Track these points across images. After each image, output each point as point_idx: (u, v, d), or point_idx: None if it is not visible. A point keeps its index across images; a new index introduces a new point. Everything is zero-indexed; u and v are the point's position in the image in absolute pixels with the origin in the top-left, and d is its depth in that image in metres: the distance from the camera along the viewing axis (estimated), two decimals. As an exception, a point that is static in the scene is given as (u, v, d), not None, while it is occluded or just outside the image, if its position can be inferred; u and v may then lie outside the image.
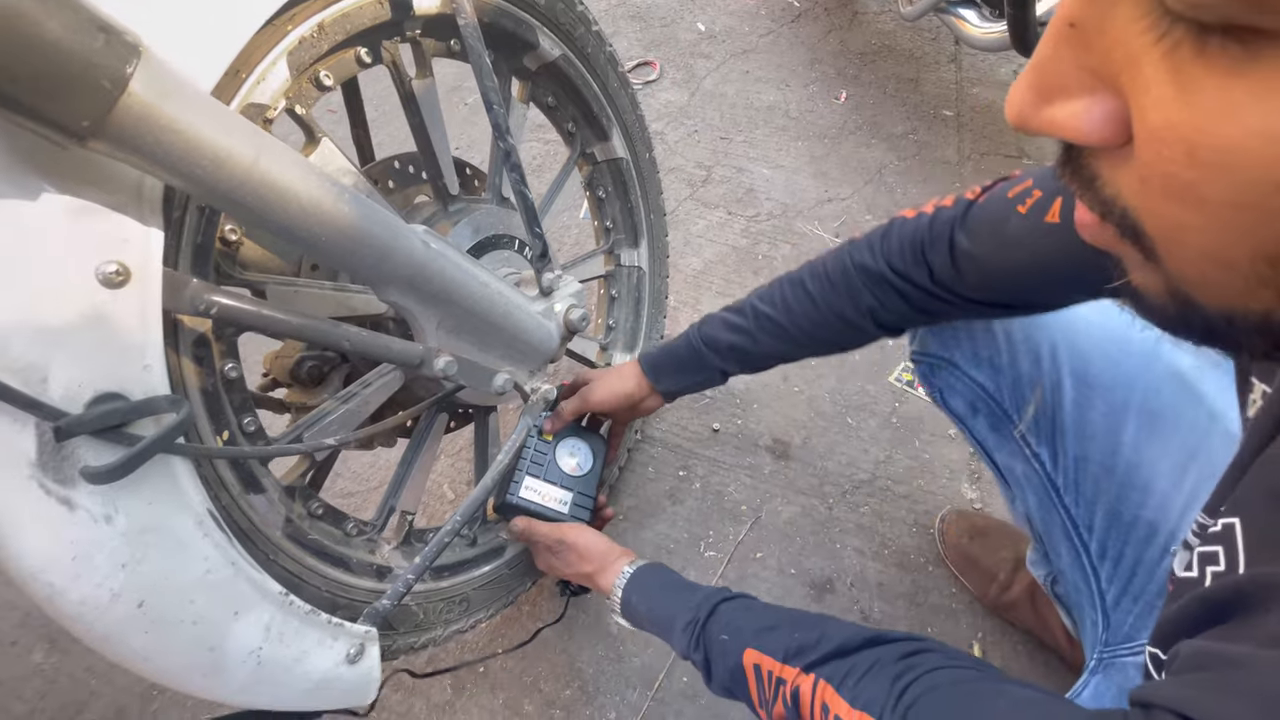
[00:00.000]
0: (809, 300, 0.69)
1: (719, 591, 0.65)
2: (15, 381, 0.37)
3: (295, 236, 0.45)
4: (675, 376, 0.81)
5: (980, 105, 1.69)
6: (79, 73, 0.32)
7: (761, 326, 0.73)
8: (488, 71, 0.60)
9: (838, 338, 0.70)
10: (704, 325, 0.78)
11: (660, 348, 0.82)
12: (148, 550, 0.44)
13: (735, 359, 0.76)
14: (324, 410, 0.63)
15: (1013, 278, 0.55)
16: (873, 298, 0.64)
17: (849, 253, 0.67)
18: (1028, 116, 0.22)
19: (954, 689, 0.43)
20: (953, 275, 0.58)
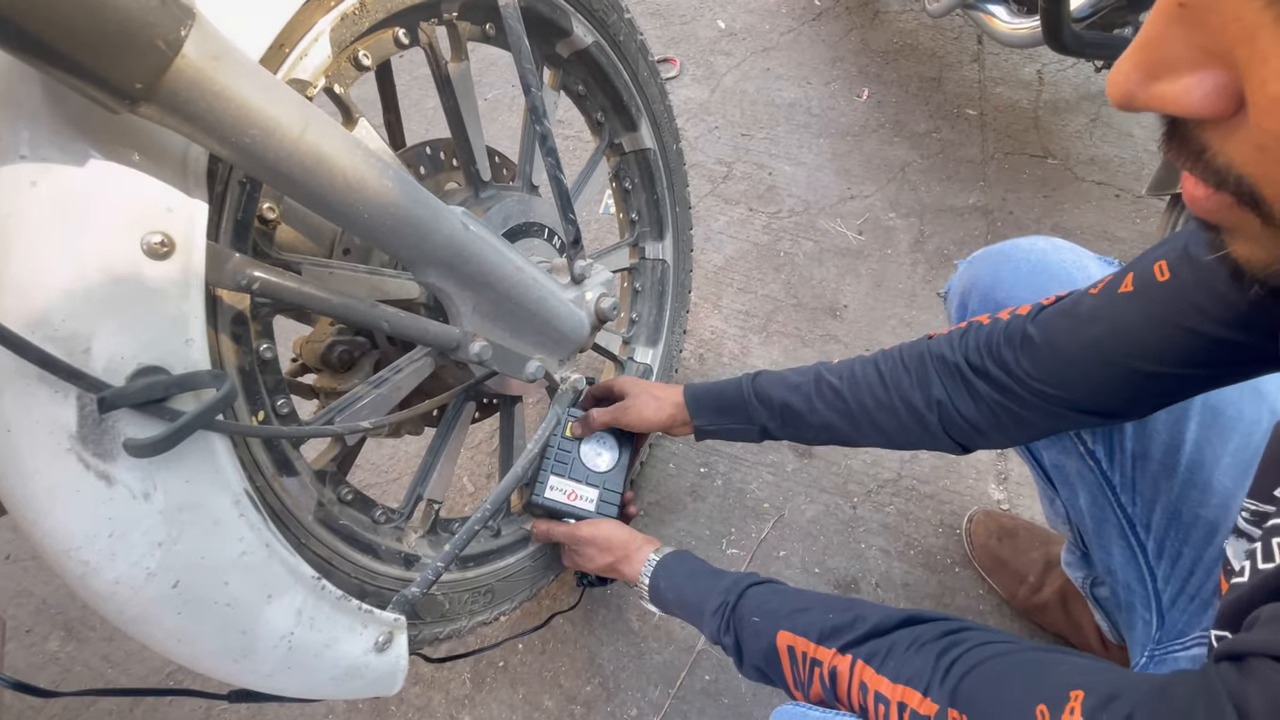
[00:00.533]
0: (878, 378, 0.66)
1: (748, 576, 0.64)
2: (58, 351, 0.36)
3: (338, 211, 0.44)
4: (715, 417, 0.77)
5: (1004, 104, 1.67)
6: (135, 32, 0.31)
7: (821, 393, 0.68)
8: (526, 54, 0.59)
9: (899, 427, 0.65)
10: (760, 376, 0.74)
11: (709, 384, 0.79)
12: (184, 529, 0.43)
13: (783, 420, 0.72)
14: (355, 395, 0.62)
15: (1089, 355, 0.52)
16: (943, 389, 0.62)
17: (927, 343, 0.65)
18: (1134, 94, 0.24)
19: (1006, 659, 0.42)
20: (1025, 367, 0.56)
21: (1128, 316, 0.50)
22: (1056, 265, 0.70)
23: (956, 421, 0.61)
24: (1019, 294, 0.70)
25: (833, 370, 0.70)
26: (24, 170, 0.35)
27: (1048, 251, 0.71)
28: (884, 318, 1.27)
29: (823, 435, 0.71)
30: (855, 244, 1.40)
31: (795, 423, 0.71)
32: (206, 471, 0.43)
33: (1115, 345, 0.51)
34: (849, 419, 0.67)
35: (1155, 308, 0.48)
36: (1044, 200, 1.45)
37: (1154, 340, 0.48)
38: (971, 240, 1.39)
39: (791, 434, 0.73)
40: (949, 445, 0.64)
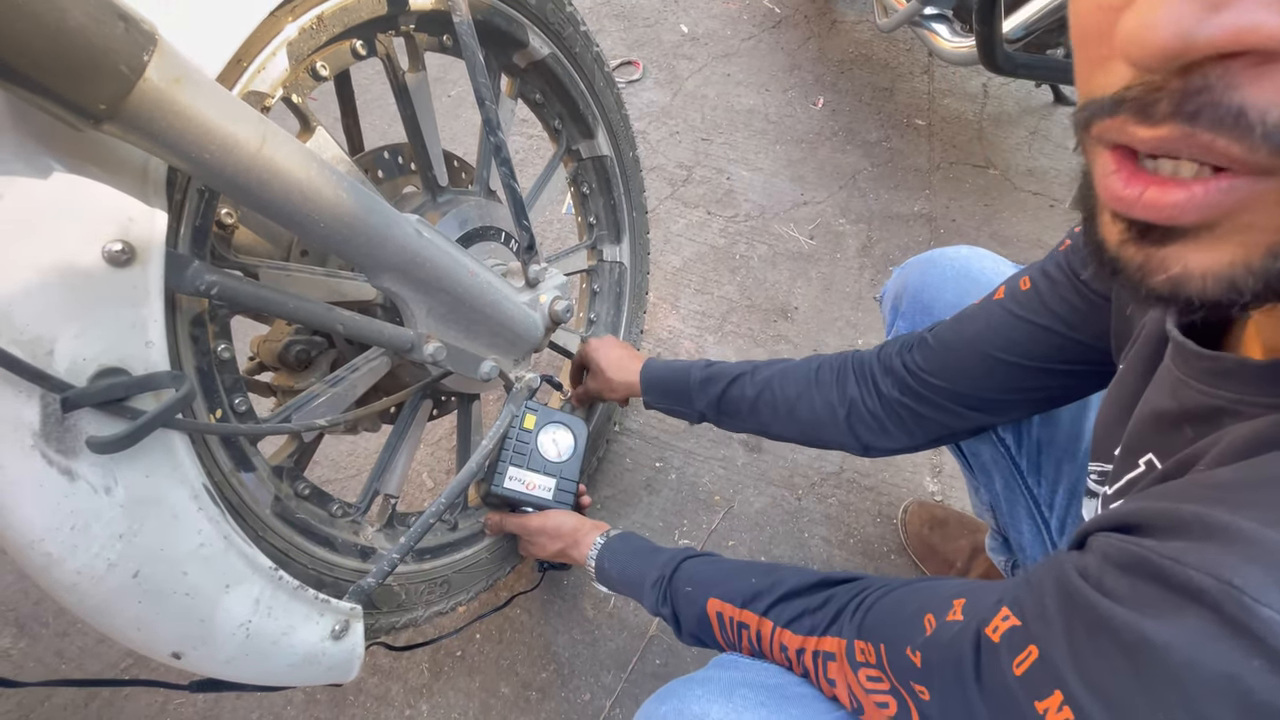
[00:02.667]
0: (804, 375, 0.73)
1: (684, 550, 0.69)
2: (22, 353, 0.38)
3: (294, 221, 0.46)
4: (661, 397, 0.85)
5: (951, 116, 1.75)
6: (99, 58, 0.34)
7: (754, 383, 0.76)
8: (481, 68, 0.62)
9: (812, 419, 0.72)
10: (709, 366, 0.81)
11: (665, 366, 0.86)
12: (144, 522, 0.45)
13: (718, 408, 0.79)
14: (312, 393, 0.64)
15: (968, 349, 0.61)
16: (856, 387, 0.69)
17: (855, 350, 0.73)
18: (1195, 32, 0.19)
19: (903, 590, 0.48)
20: (919, 361, 0.65)
21: (998, 316, 0.59)
22: (977, 271, 0.76)
23: (864, 417, 0.68)
24: (944, 296, 0.76)
25: (769, 365, 0.77)
26: (-12, 182, 0.36)
27: (970, 259, 0.77)
28: (832, 319, 1.33)
29: (749, 424, 0.78)
30: (807, 248, 1.45)
31: (728, 409, 0.78)
32: (166, 467, 0.45)
33: (988, 340, 0.59)
34: (772, 409, 0.74)
35: (1020, 310, 0.57)
36: (984, 209, 1.53)
37: (1019, 336, 0.57)
38: (916, 246, 1.46)
39: (724, 421, 0.81)
40: (853, 443, 0.71)
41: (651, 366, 0.87)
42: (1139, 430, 0.41)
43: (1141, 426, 0.41)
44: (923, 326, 0.77)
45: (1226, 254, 0.23)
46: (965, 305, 0.75)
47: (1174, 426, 0.37)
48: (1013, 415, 0.65)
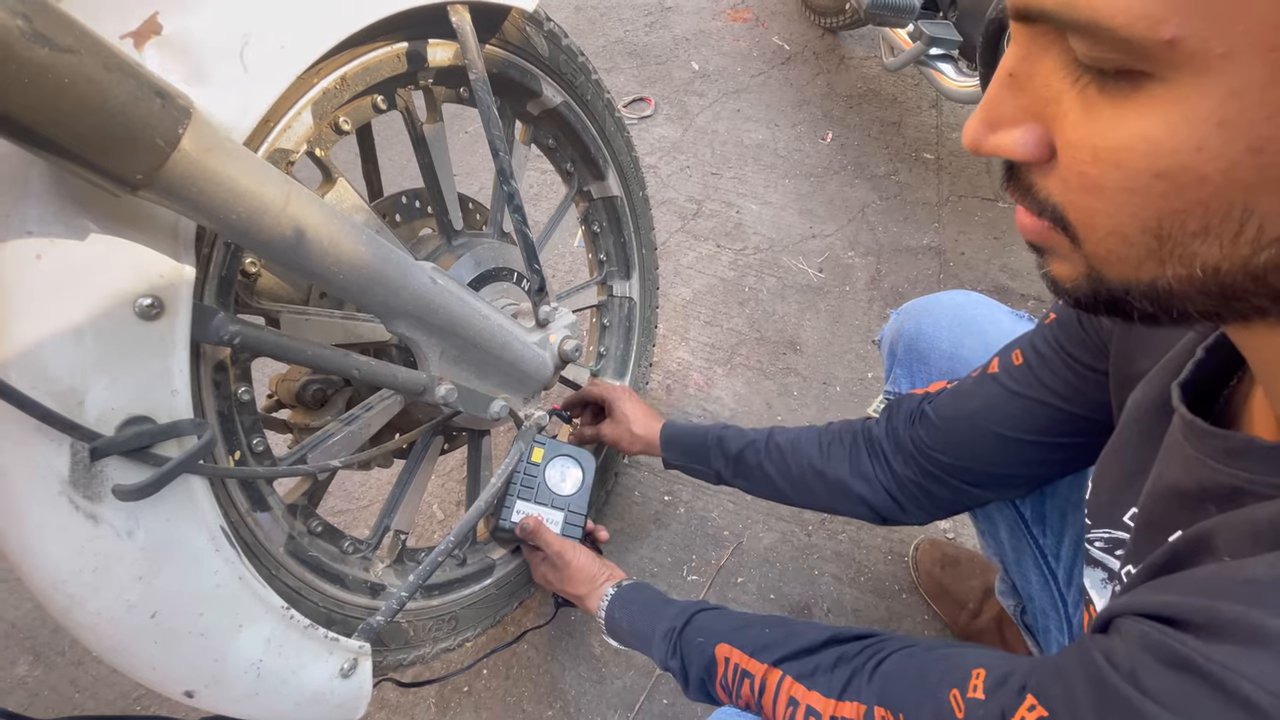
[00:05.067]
0: (818, 447, 0.74)
1: (696, 603, 0.69)
2: (54, 404, 0.40)
3: (315, 274, 0.49)
4: (680, 456, 0.86)
5: (959, 149, 1.76)
6: (137, 133, 0.36)
7: (769, 451, 0.77)
8: (495, 122, 0.64)
9: (827, 492, 0.72)
10: (726, 429, 0.83)
11: (685, 427, 0.87)
12: (163, 564, 0.46)
13: (735, 470, 0.80)
14: (327, 432, 0.66)
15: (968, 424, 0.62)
16: (869, 464, 0.70)
17: (863, 422, 0.74)
18: (979, 140, 0.30)
19: (922, 656, 0.49)
20: (923, 437, 0.65)
21: (995, 392, 0.60)
22: (971, 318, 0.77)
23: (878, 492, 0.69)
24: (939, 345, 0.77)
25: (783, 433, 0.78)
26: (30, 245, 0.39)
27: (964, 305, 0.78)
28: (841, 352, 1.34)
29: (764, 489, 0.79)
30: (816, 281, 1.47)
31: (744, 474, 0.79)
32: (186, 510, 0.47)
33: (987, 416, 0.60)
34: (787, 478, 0.75)
35: (1014, 385, 0.58)
36: (994, 242, 1.54)
37: (1016, 410, 0.58)
38: (925, 279, 1.46)
39: (739, 483, 0.81)
40: (869, 516, 0.71)
41: (671, 425, 0.88)
42: (1161, 507, 0.41)
43: (1163, 503, 0.40)
44: (919, 375, 0.78)
45: (1067, 270, 0.31)
46: (959, 354, 0.76)
47: (1198, 504, 0.37)
48: (1020, 490, 0.66)
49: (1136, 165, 0.24)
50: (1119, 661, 0.31)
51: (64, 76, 0.33)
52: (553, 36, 0.78)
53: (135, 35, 0.41)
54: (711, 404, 1.27)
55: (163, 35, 0.42)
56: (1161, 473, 0.41)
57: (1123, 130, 0.24)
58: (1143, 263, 0.27)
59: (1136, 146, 0.24)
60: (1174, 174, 0.24)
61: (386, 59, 0.60)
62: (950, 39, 1.23)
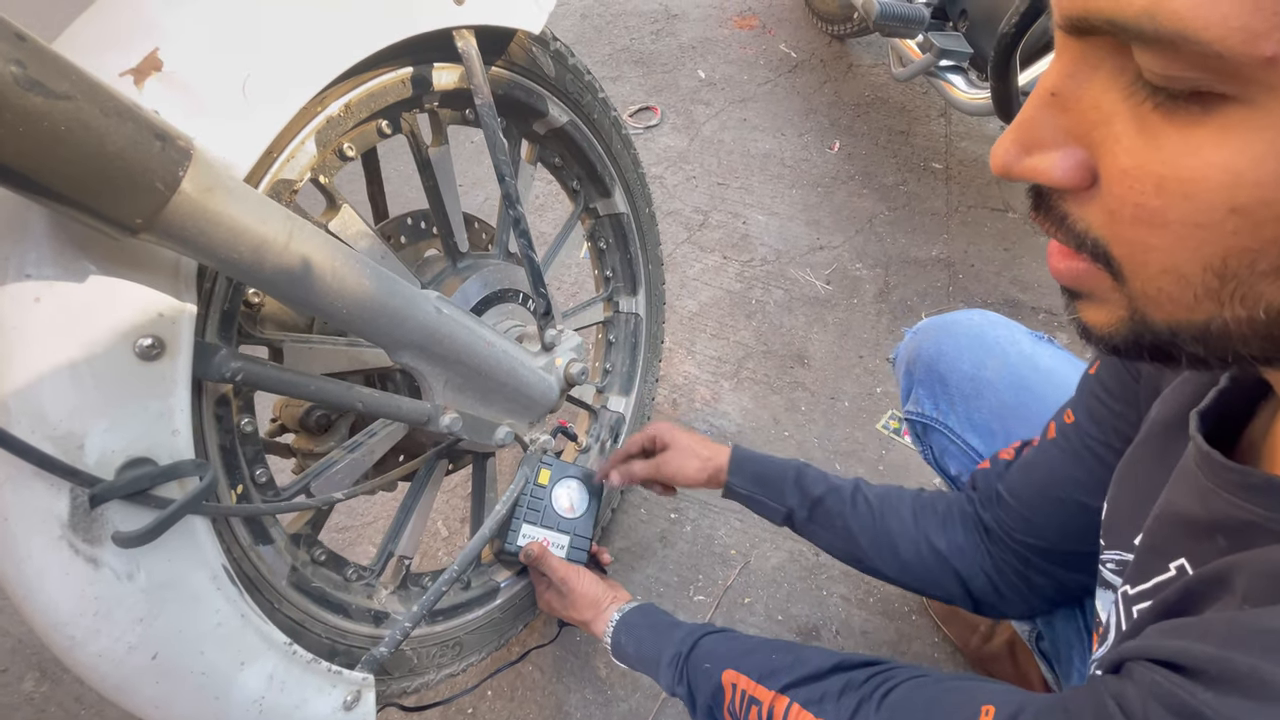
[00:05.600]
0: (910, 510, 0.68)
1: (703, 626, 0.68)
2: (54, 448, 0.40)
3: (318, 308, 0.48)
4: (750, 483, 0.77)
5: (968, 159, 1.75)
6: (136, 178, 0.35)
7: (855, 502, 0.70)
8: (501, 147, 0.63)
9: (918, 559, 0.66)
10: (809, 468, 0.75)
11: (759, 453, 0.79)
12: (164, 605, 0.46)
13: (811, 513, 0.72)
14: (331, 459, 0.65)
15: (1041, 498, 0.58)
16: (962, 534, 0.64)
17: (957, 495, 0.68)
18: (1011, 165, 0.28)
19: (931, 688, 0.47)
20: (1006, 523, 0.61)
21: (1057, 456, 0.56)
22: (992, 340, 0.76)
23: (976, 574, 0.63)
24: (959, 366, 0.75)
25: (871, 487, 0.72)
26: (29, 288, 0.38)
27: (984, 326, 0.77)
28: (849, 366, 1.33)
29: (840, 545, 0.71)
30: (823, 293, 1.45)
31: (822, 521, 0.71)
32: (187, 550, 0.46)
33: (1057, 483, 0.56)
34: (870, 536, 0.68)
35: (1073, 446, 0.55)
36: (1004, 254, 1.52)
37: (1082, 473, 0.54)
38: (934, 292, 1.45)
39: (813, 531, 0.73)
40: (962, 597, 0.65)
41: (742, 449, 0.80)
42: (1166, 531, 0.40)
43: (1168, 528, 0.40)
44: (940, 396, 0.77)
45: (1104, 315, 0.29)
46: (981, 375, 0.74)
47: (1206, 535, 0.36)
48: None
49: (1210, 198, 0.22)
50: (1131, 709, 0.31)
51: (60, 124, 0.32)
52: (559, 56, 0.77)
53: (135, 72, 0.41)
54: (718, 419, 1.26)
55: (164, 71, 0.42)
56: (1171, 498, 0.40)
57: (1196, 159, 0.22)
58: (1198, 304, 0.25)
59: (1213, 177, 0.22)
60: (1253, 209, 0.22)
61: (391, 84, 0.60)
62: (960, 51, 1.22)
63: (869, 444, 1.21)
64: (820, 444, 1.21)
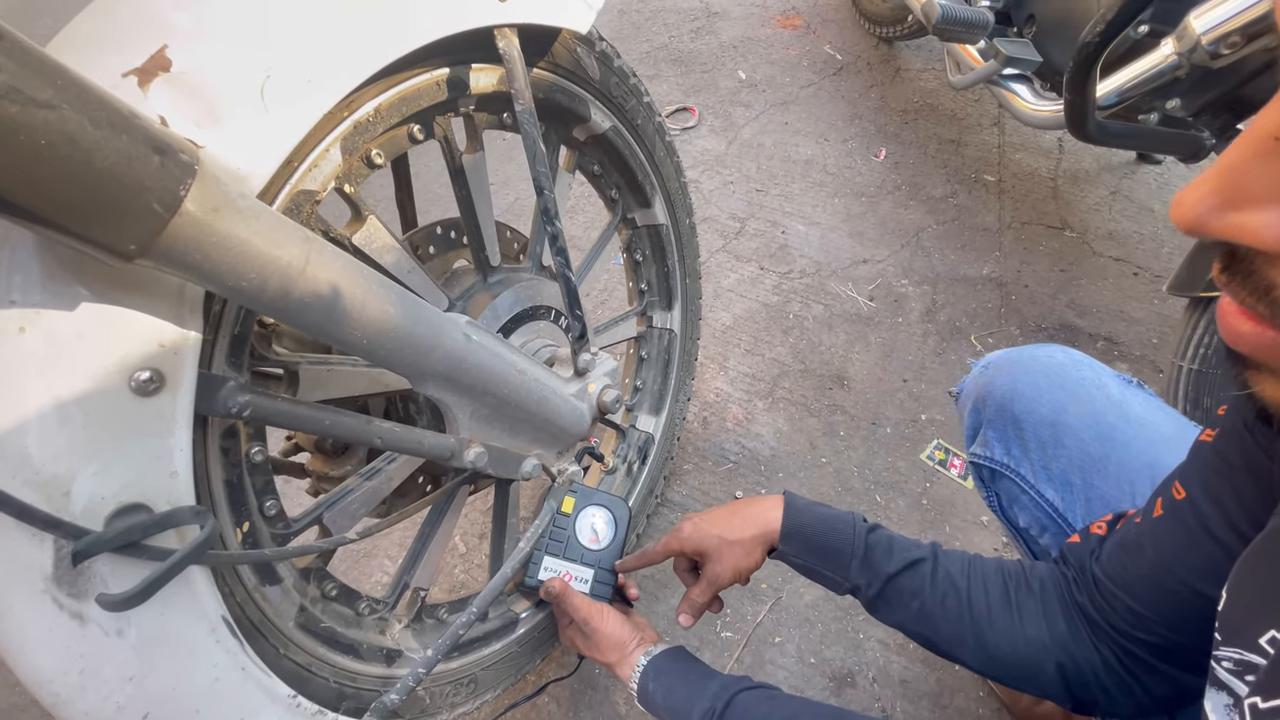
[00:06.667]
0: (1001, 589, 0.59)
1: (738, 680, 0.62)
2: (37, 495, 0.35)
3: (338, 339, 0.43)
4: (807, 554, 0.66)
5: (1023, 172, 1.66)
6: (130, 199, 0.30)
7: (937, 582, 0.60)
8: (541, 157, 0.58)
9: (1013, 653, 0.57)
10: (875, 531, 0.65)
11: (813, 513, 0.67)
12: (157, 662, 0.41)
13: (881, 592, 0.62)
14: (346, 488, 0.61)
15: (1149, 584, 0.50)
16: (1064, 621, 0.56)
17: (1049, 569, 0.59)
18: (1206, 220, 0.23)
19: None
20: (1108, 615, 0.53)
21: (1167, 538, 0.48)
22: (1075, 382, 0.68)
23: (1080, 670, 0.55)
24: (1037, 409, 0.68)
25: (950, 557, 0.62)
26: (13, 316, 0.34)
27: (1066, 366, 0.70)
28: (892, 390, 1.25)
29: (914, 624, 0.62)
30: (866, 310, 1.38)
31: (894, 599, 0.62)
32: (184, 603, 0.42)
33: (1168, 570, 0.48)
34: (953, 620, 0.59)
35: (1185, 524, 0.47)
36: (1060, 274, 1.43)
37: (1198, 558, 0.46)
38: (985, 313, 1.37)
39: (882, 608, 0.64)
40: (1062, 695, 0.56)
41: (797, 509, 0.67)
42: None
43: None
44: (1013, 441, 0.70)
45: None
46: (1062, 421, 0.67)
47: None
48: None
49: None
50: None
51: (39, 137, 0.27)
52: (604, 57, 0.72)
53: (140, 72, 0.36)
54: (751, 441, 1.20)
55: (172, 72, 0.37)
56: None
57: None
58: None
59: None
60: None
61: (426, 87, 0.55)
62: (1029, 59, 1.14)
63: (912, 475, 1.14)
64: (860, 473, 1.14)
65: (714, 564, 0.69)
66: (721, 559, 0.69)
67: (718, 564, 0.69)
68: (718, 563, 0.69)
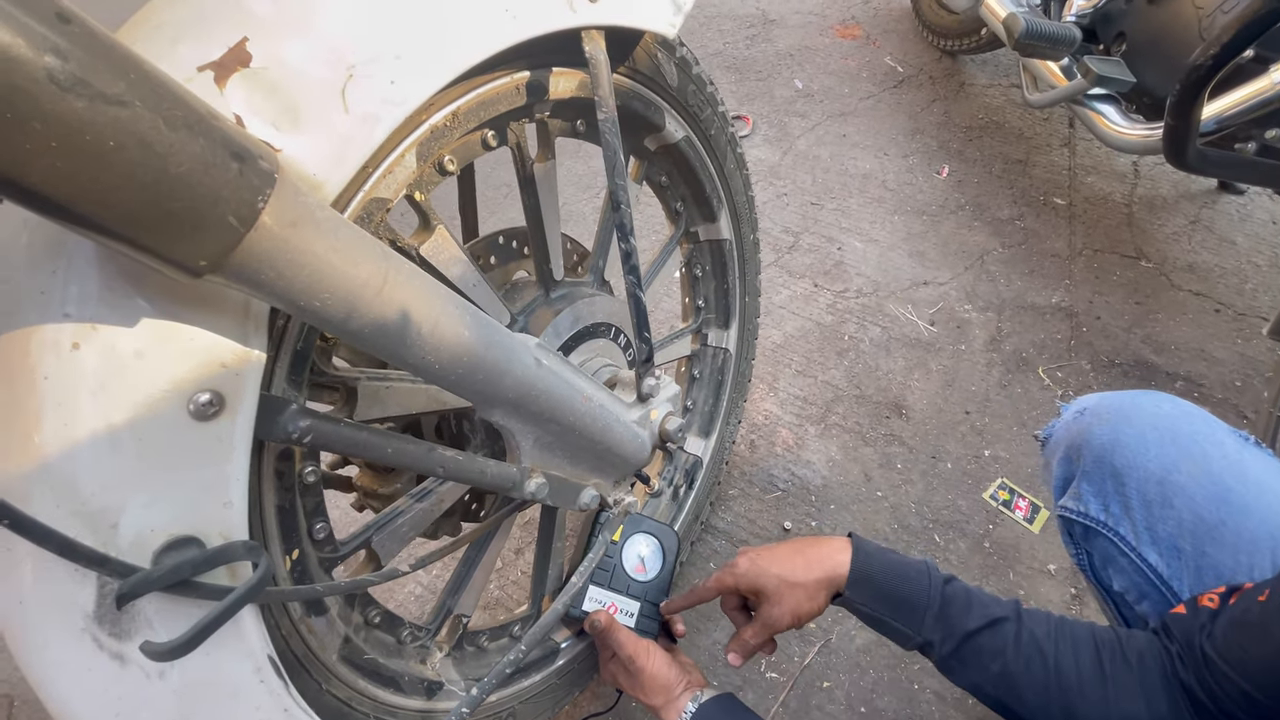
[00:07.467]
0: (1094, 658, 0.54)
1: None
2: (83, 527, 0.32)
3: (408, 363, 0.39)
4: (876, 603, 0.62)
5: (1095, 196, 1.58)
6: (205, 211, 0.27)
7: (1020, 644, 0.56)
8: (621, 169, 0.54)
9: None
10: (952, 582, 0.60)
11: (884, 559, 0.63)
12: (198, 706, 0.38)
13: (956, 650, 0.57)
14: (396, 509, 0.57)
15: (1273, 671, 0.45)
16: (1165, 700, 0.51)
17: (1150, 640, 0.54)
18: None
19: None
20: (1219, 698, 0.48)
21: None
22: (1187, 436, 0.62)
23: None
24: (1143, 463, 0.62)
25: (1035, 618, 0.57)
26: (67, 331, 0.31)
27: (1176, 418, 0.63)
28: (954, 422, 1.19)
29: (992, 687, 0.57)
30: (926, 335, 1.32)
31: (970, 658, 0.57)
32: (230, 643, 0.39)
33: None
34: (1039, 688, 0.54)
35: None
36: (1135, 307, 1.35)
37: None
38: (1054, 344, 1.29)
39: (956, 669, 0.58)
40: None
41: (867, 552, 0.63)
42: None
43: None
44: (1113, 497, 0.63)
45: None
46: (1173, 479, 0.60)
47: None
48: None
49: None
50: None
51: (108, 137, 0.24)
52: (684, 64, 0.68)
53: (217, 67, 0.33)
54: (801, 468, 1.14)
55: (251, 67, 0.34)
56: None
57: None
58: None
59: None
60: None
61: (505, 91, 0.51)
62: (1122, 79, 1.06)
63: (974, 515, 1.07)
64: (918, 510, 1.08)
65: (772, 606, 0.65)
66: (781, 602, 0.64)
67: (776, 607, 0.65)
68: (776, 605, 0.65)
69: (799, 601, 0.64)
